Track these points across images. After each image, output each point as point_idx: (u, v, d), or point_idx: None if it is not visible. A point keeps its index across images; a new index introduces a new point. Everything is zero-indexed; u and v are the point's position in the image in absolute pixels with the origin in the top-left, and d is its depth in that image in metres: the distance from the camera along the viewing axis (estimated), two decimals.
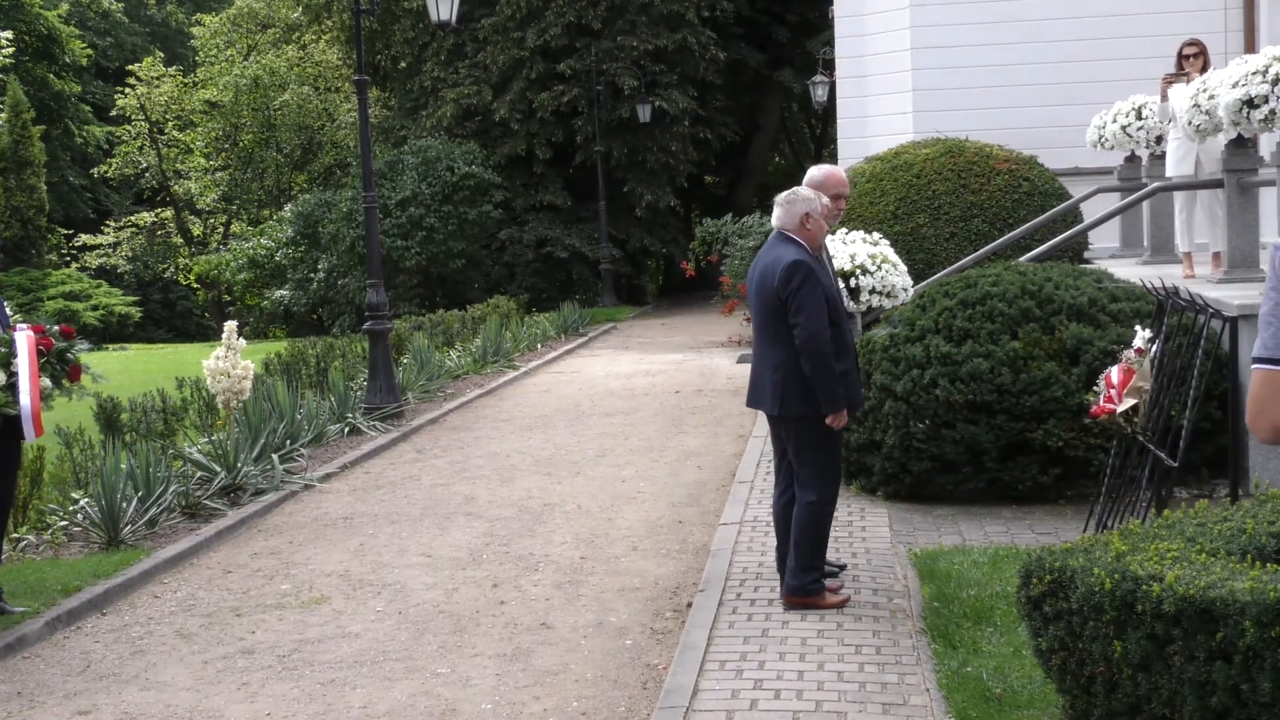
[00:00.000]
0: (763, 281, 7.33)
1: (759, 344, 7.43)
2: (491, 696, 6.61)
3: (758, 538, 8.95)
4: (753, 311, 7.48)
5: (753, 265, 7.55)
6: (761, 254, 7.53)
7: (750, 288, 7.51)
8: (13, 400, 7.30)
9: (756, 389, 7.48)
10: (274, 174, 45.83)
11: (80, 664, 7.45)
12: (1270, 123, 8.35)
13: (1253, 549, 5.03)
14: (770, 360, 7.31)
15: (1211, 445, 8.81)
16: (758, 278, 7.40)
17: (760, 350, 7.42)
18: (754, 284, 7.44)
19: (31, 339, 7.43)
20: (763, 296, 7.32)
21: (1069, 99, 17.44)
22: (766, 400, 7.36)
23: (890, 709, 5.86)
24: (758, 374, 7.46)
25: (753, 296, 7.43)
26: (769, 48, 38.28)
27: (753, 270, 7.52)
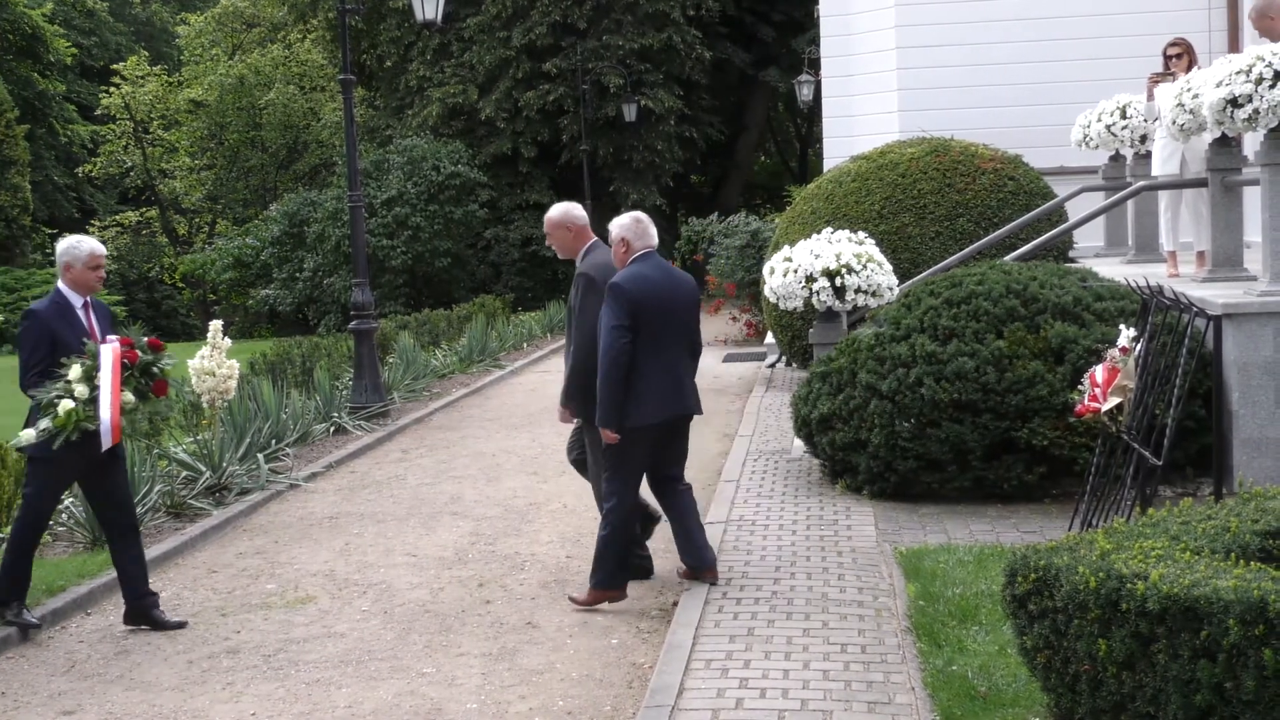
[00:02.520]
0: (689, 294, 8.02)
1: (678, 349, 7.94)
2: (477, 696, 6.60)
3: (743, 537, 8.95)
4: (661, 320, 7.75)
5: (650, 284, 7.74)
6: (657, 270, 7.83)
7: (655, 300, 7.72)
8: (94, 414, 7.27)
9: (686, 392, 8.00)
10: (259, 173, 45.74)
11: (65, 664, 7.43)
12: (1254, 122, 8.35)
13: (1237, 547, 5.04)
14: (687, 366, 8.04)
15: (1196, 444, 8.83)
16: (676, 292, 7.87)
17: (680, 355, 7.95)
18: (664, 299, 7.76)
19: (117, 351, 7.41)
20: (690, 308, 7.97)
21: (1054, 98, 17.43)
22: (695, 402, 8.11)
23: (875, 708, 5.87)
24: (684, 379, 7.99)
25: (663, 310, 7.74)
26: (754, 47, 38.31)
27: (657, 288, 7.74)
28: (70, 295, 7.76)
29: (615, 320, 7.53)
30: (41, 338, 7.58)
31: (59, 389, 7.30)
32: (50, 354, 7.51)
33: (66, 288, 7.76)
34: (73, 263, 7.74)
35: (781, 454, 11.85)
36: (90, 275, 7.77)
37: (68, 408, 7.20)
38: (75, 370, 7.32)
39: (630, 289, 7.59)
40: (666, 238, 35.27)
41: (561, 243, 8.38)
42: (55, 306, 7.71)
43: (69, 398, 7.24)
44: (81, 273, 7.75)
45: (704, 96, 36.82)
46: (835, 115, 20.21)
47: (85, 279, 7.77)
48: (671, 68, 34.70)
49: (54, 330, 7.59)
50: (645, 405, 7.67)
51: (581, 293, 8.06)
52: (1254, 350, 8.40)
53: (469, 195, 33.14)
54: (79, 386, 7.26)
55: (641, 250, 7.83)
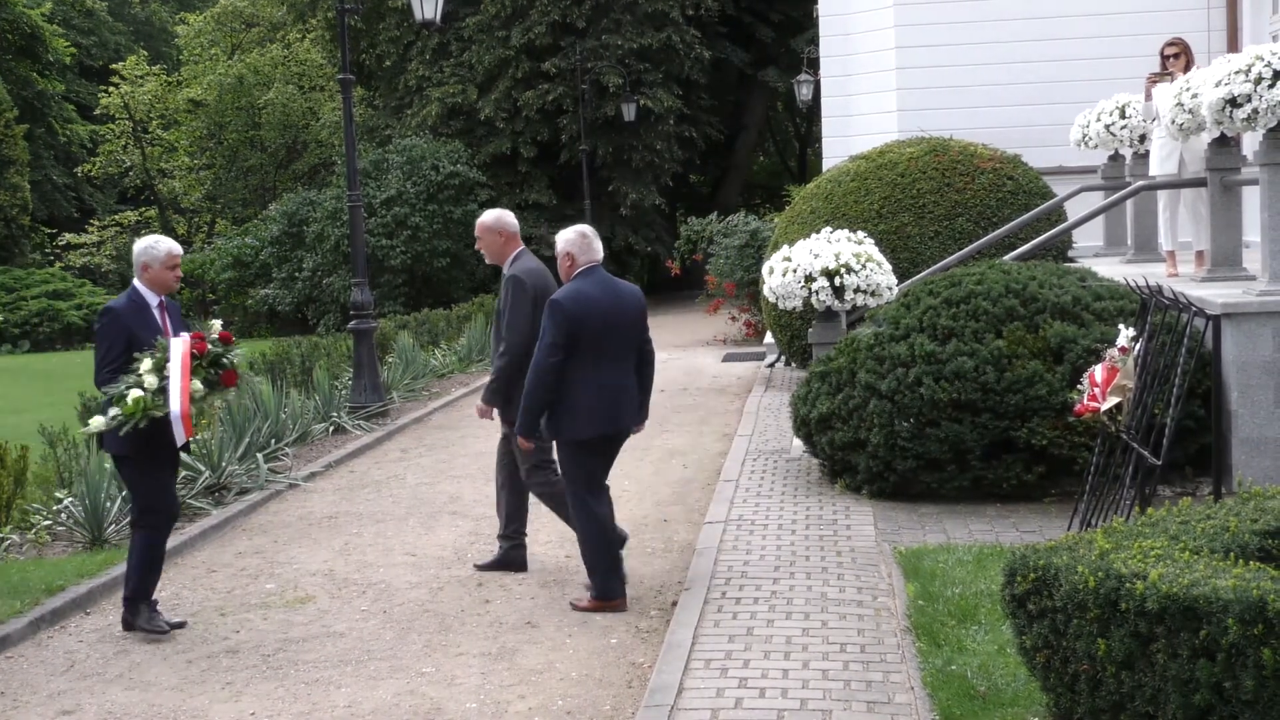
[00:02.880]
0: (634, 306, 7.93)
1: (621, 364, 7.88)
2: (476, 695, 6.60)
3: (743, 536, 8.95)
4: (602, 337, 7.75)
5: (590, 301, 7.73)
6: (599, 286, 7.82)
7: (596, 317, 7.72)
8: (163, 403, 7.29)
9: (622, 409, 7.89)
10: (258, 173, 45.73)
11: (64, 663, 7.43)
12: (1253, 121, 8.36)
13: (1236, 547, 5.05)
14: (633, 381, 7.97)
15: (1195, 443, 8.84)
16: (619, 306, 7.82)
17: (624, 369, 7.90)
18: (606, 314, 7.74)
19: (187, 343, 7.45)
20: (635, 322, 7.92)
21: (1053, 98, 17.45)
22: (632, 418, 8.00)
23: (875, 707, 5.87)
24: (622, 395, 7.89)
25: (605, 325, 7.74)
26: (754, 47, 38.31)
27: (598, 304, 7.73)
28: (147, 294, 7.75)
29: (550, 338, 7.60)
30: (118, 335, 7.58)
31: (130, 381, 7.35)
32: (125, 351, 7.53)
33: (144, 286, 7.76)
34: (150, 262, 7.75)
35: (781, 453, 11.85)
36: (168, 275, 7.79)
37: (136, 396, 7.26)
38: (146, 363, 7.38)
39: (569, 307, 7.64)
40: (666, 237, 35.43)
41: (491, 247, 8.65)
42: (132, 305, 7.71)
43: (138, 388, 7.29)
44: (159, 272, 7.76)
45: (703, 96, 36.81)
46: (834, 115, 20.21)
47: (163, 278, 7.78)
48: (671, 67, 34.69)
49: (130, 328, 7.60)
50: (579, 420, 7.73)
51: (511, 296, 8.33)
52: (1253, 350, 8.41)
53: (468, 195, 33.12)
54: (149, 377, 7.31)
55: (586, 265, 7.87)
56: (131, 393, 7.28)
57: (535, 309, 8.16)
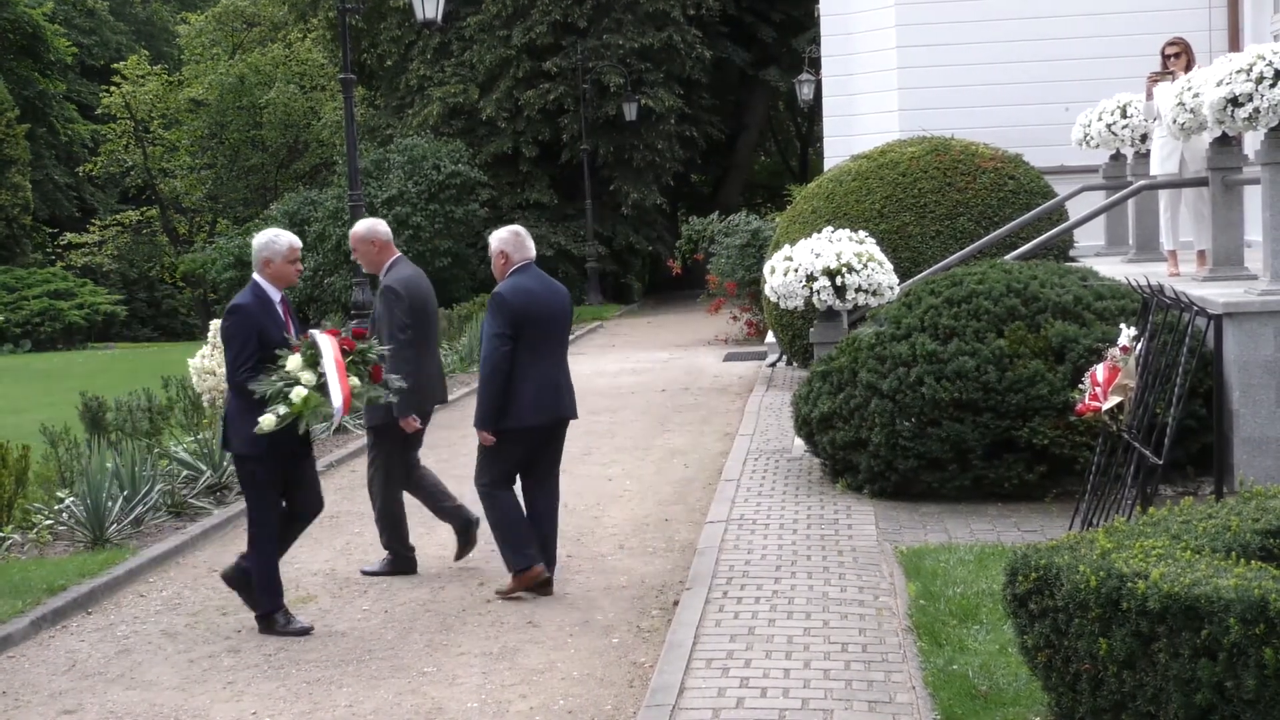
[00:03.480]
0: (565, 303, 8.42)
1: (556, 356, 8.31)
2: (478, 695, 6.61)
3: (744, 536, 8.95)
4: (541, 329, 8.17)
5: (530, 295, 8.16)
6: (535, 281, 8.28)
7: (535, 310, 8.14)
8: (326, 399, 7.32)
9: (562, 398, 8.22)
10: (260, 172, 45.74)
11: (66, 663, 7.43)
12: (1254, 121, 8.36)
13: (1237, 546, 5.04)
14: (566, 373, 8.36)
15: (1196, 443, 8.84)
16: (553, 301, 8.27)
17: (559, 361, 8.30)
18: (543, 309, 8.15)
19: (334, 340, 7.47)
20: (567, 317, 8.42)
21: (1054, 97, 17.45)
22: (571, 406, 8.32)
23: (876, 707, 5.87)
24: (561, 385, 8.25)
25: (542, 319, 8.17)
26: (755, 46, 38.32)
27: (536, 298, 8.16)
28: (269, 289, 7.72)
29: (497, 329, 8.00)
30: (251, 332, 7.53)
31: (283, 378, 7.32)
32: (259, 348, 7.50)
33: (265, 282, 7.73)
34: (272, 257, 7.73)
35: (782, 453, 11.85)
36: (289, 269, 7.79)
37: (302, 394, 7.25)
38: (294, 360, 7.36)
39: (512, 300, 8.03)
40: (667, 237, 35.43)
41: (366, 257, 8.93)
42: (257, 301, 7.66)
43: (299, 385, 7.28)
44: (281, 266, 7.75)
45: (704, 96, 36.81)
46: (835, 114, 20.21)
47: (285, 272, 7.78)
48: (672, 67, 34.69)
49: (261, 324, 7.57)
50: (523, 409, 8.03)
51: (387, 305, 8.63)
52: (1254, 349, 8.41)
53: (469, 194, 33.12)
54: (305, 374, 7.31)
55: (520, 262, 8.27)
56: (295, 390, 7.25)
57: (413, 314, 8.64)
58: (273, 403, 7.29)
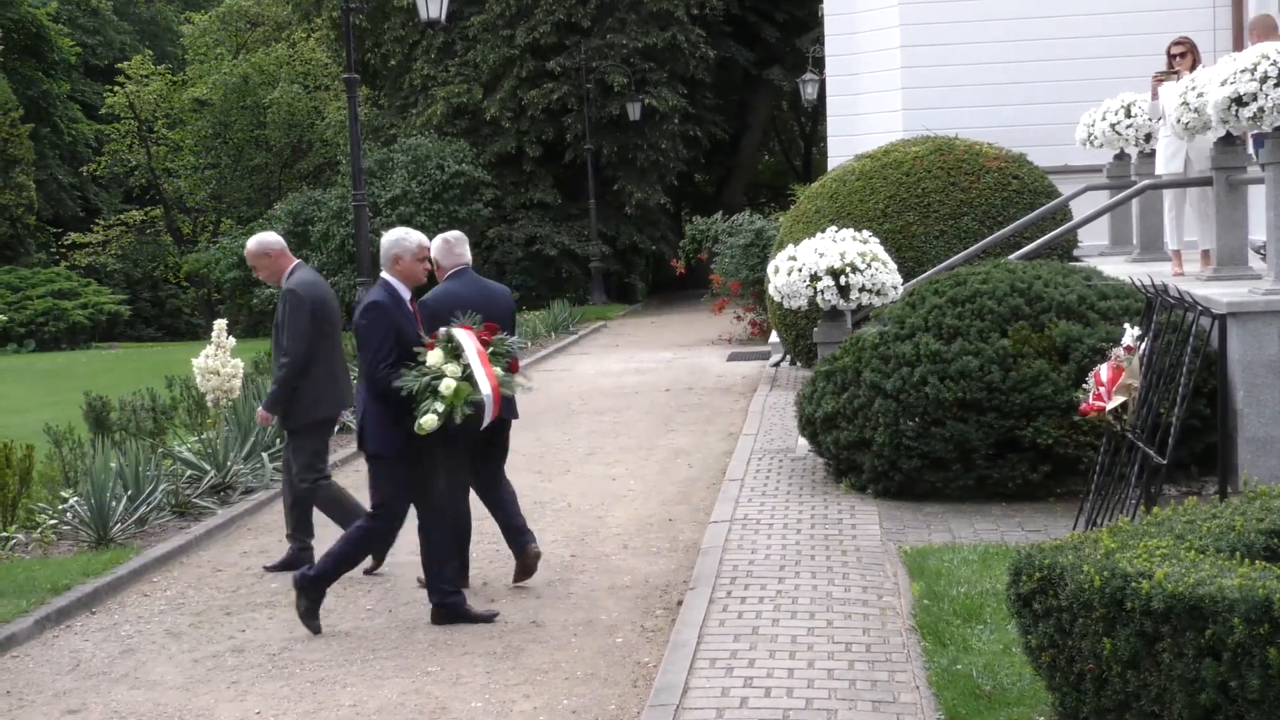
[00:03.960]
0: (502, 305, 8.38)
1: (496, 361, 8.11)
2: (482, 694, 6.61)
3: (748, 535, 8.95)
4: None
5: (458, 300, 8.12)
6: (468, 286, 8.34)
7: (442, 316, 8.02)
8: (476, 389, 7.35)
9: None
10: (263, 172, 45.75)
11: (70, 663, 7.44)
12: (1258, 120, 8.35)
13: (1241, 546, 5.04)
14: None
15: (1200, 442, 8.83)
16: (488, 305, 8.14)
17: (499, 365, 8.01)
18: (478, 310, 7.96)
19: (471, 333, 7.51)
20: (504, 319, 8.22)
21: (1058, 97, 17.44)
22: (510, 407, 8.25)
23: (880, 706, 5.87)
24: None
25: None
26: (758, 46, 38.30)
27: (465, 303, 8.04)
28: (400, 287, 7.77)
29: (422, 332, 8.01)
30: (389, 329, 7.56)
31: (429, 373, 7.35)
32: (395, 346, 7.53)
33: (395, 279, 7.78)
34: (402, 254, 7.78)
35: (786, 453, 11.85)
36: (418, 267, 7.84)
37: (451, 385, 7.28)
38: (435, 355, 7.40)
39: (434, 306, 8.17)
40: (671, 236, 35.43)
41: (266, 269, 9.17)
42: (391, 299, 7.70)
43: (445, 377, 7.31)
44: (410, 264, 7.80)
45: (708, 95, 36.80)
46: (839, 114, 20.21)
47: (414, 270, 7.82)
48: (675, 66, 34.69)
49: (397, 321, 7.61)
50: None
51: (290, 308, 8.81)
52: (1259, 349, 8.40)
53: (473, 194, 33.13)
54: (448, 366, 7.35)
55: (453, 268, 8.43)
56: (444, 382, 7.29)
57: (314, 318, 8.82)
58: (420, 399, 7.32)
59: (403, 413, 7.43)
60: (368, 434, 7.69)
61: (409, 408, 7.38)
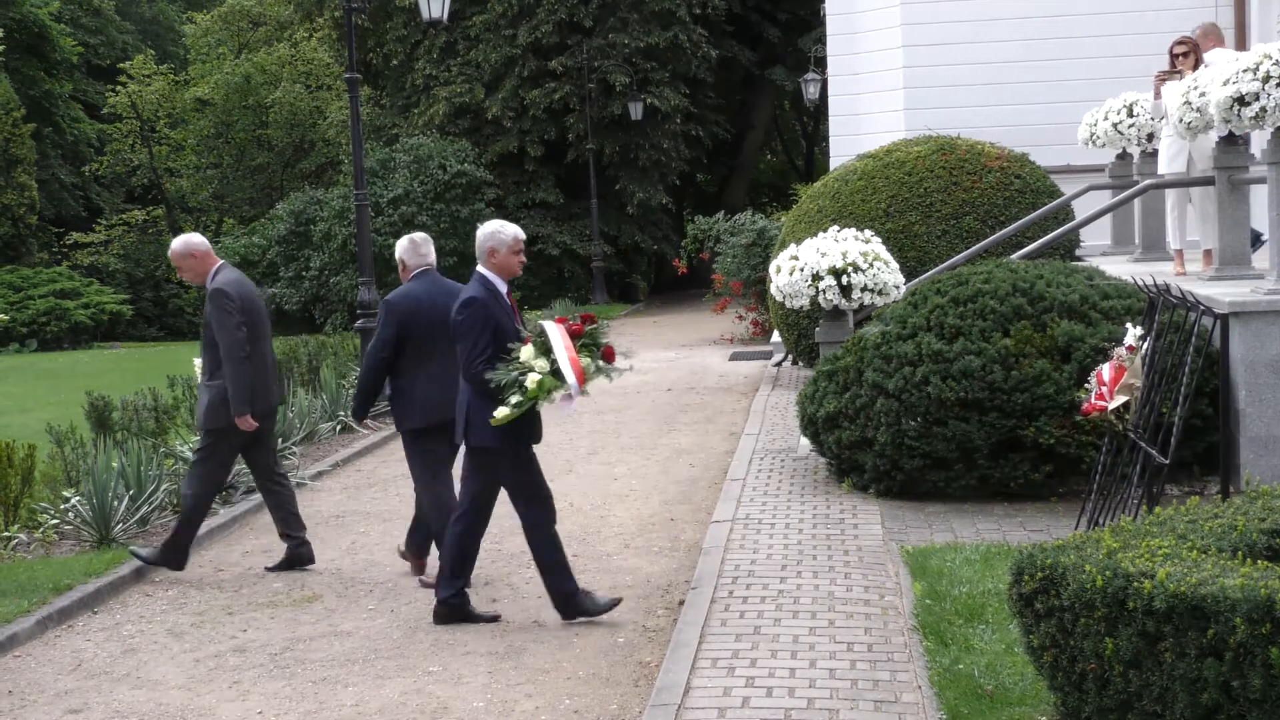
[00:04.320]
0: None
1: (450, 358, 8.18)
2: (483, 694, 6.61)
3: (750, 535, 8.95)
4: (427, 333, 8.48)
5: (416, 301, 8.51)
6: (428, 287, 8.61)
7: (420, 315, 8.48)
8: (561, 382, 7.37)
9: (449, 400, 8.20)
10: (265, 172, 45.76)
11: (71, 662, 7.44)
12: (1261, 120, 8.34)
13: (1244, 546, 5.04)
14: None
15: (1202, 442, 8.82)
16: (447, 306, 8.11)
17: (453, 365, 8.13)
18: (431, 313, 8.42)
19: (562, 326, 7.52)
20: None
21: (1061, 96, 17.43)
22: None
23: (882, 706, 5.86)
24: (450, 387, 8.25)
25: (430, 323, 8.44)
26: (760, 46, 38.32)
27: (423, 304, 8.48)
28: (495, 280, 7.77)
29: (379, 333, 8.47)
30: (486, 323, 7.57)
31: (517, 368, 7.38)
32: (493, 340, 7.54)
33: (490, 273, 7.78)
34: (498, 247, 7.78)
35: (787, 452, 11.85)
36: (514, 259, 7.84)
37: (536, 379, 7.31)
38: (527, 350, 7.41)
39: (397, 305, 8.46)
40: (672, 236, 35.44)
41: (191, 270, 9.18)
42: (488, 292, 7.71)
43: (533, 372, 7.34)
44: (506, 257, 7.80)
45: (710, 95, 36.81)
46: (841, 114, 20.20)
47: (509, 263, 7.82)
48: (677, 66, 34.69)
49: (494, 315, 7.61)
50: (413, 410, 8.47)
51: (219, 306, 8.85)
52: (1261, 348, 8.40)
53: (475, 194, 33.14)
54: (537, 361, 7.37)
55: (417, 269, 8.65)
56: (529, 376, 7.31)
57: (245, 313, 8.89)
58: (508, 392, 7.35)
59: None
60: (471, 427, 7.67)
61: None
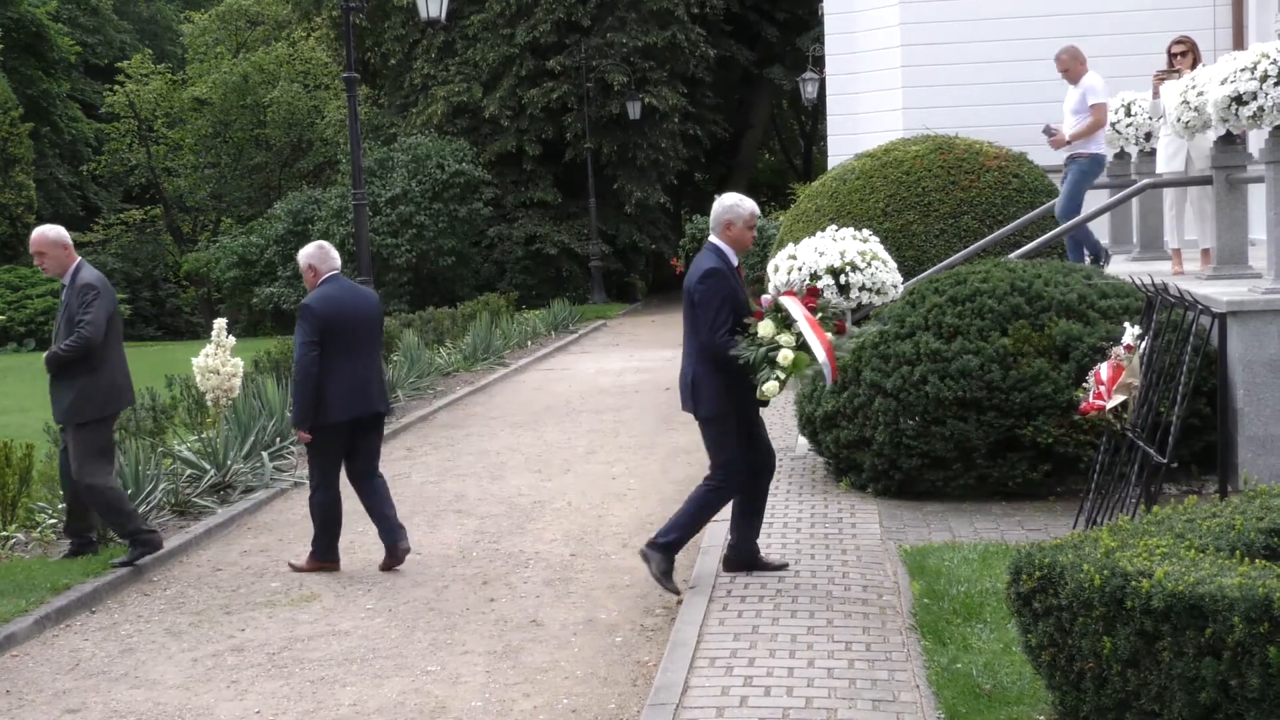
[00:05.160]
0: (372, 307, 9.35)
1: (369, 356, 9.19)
2: (481, 694, 6.61)
3: None
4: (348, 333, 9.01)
5: (336, 303, 9.03)
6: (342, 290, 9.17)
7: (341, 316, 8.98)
8: (813, 357, 7.40)
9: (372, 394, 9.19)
10: (263, 171, 45.75)
11: (69, 662, 7.43)
12: (1259, 119, 8.34)
13: (1241, 545, 5.04)
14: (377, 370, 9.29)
15: (1200, 441, 8.83)
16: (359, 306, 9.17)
17: (370, 361, 9.19)
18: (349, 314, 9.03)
19: (797, 300, 7.54)
20: (376, 320, 9.32)
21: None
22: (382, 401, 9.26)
23: (880, 705, 5.86)
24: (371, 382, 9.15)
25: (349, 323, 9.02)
26: (758, 45, 38.33)
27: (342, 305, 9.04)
28: (729, 252, 7.79)
29: (305, 337, 8.80)
30: (726, 295, 7.63)
31: (763, 344, 7.42)
32: (732, 311, 7.60)
33: (724, 244, 7.81)
34: (734, 220, 7.81)
35: (786, 452, 11.84)
36: (748, 234, 7.87)
37: (789, 356, 7.36)
38: (765, 326, 7.46)
39: (318, 309, 8.86)
40: (670, 235, 35.45)
41: (55, 261, 9.19)
42: (724, 264, 7.75)
43: (782, 348, 7.37)
44: (741, 231, 7.83)
45: (708, 94, 36.81)
46: (839, 113, 20.20)
47: (744, 237, 7.86)
48: (675, 65, 34.69)
49: (732, 286, 7.68)
50: (334, 406, 8.84)
51: (84, 300, 8.91)
52: (1259, 348, 8.40)
53: (473, 193, 33.14)
54: (782, 336, 7.40)
55: (328, 273, 9.12)
56: (781, 353, 7.36)
57: (107, 310, 8.94)
58: (759, 368, 7.42)
59: (732, 377, 7.61)
60: (701, 398, 7.76)
61: (738, 373, 7.55)
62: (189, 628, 7.96)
